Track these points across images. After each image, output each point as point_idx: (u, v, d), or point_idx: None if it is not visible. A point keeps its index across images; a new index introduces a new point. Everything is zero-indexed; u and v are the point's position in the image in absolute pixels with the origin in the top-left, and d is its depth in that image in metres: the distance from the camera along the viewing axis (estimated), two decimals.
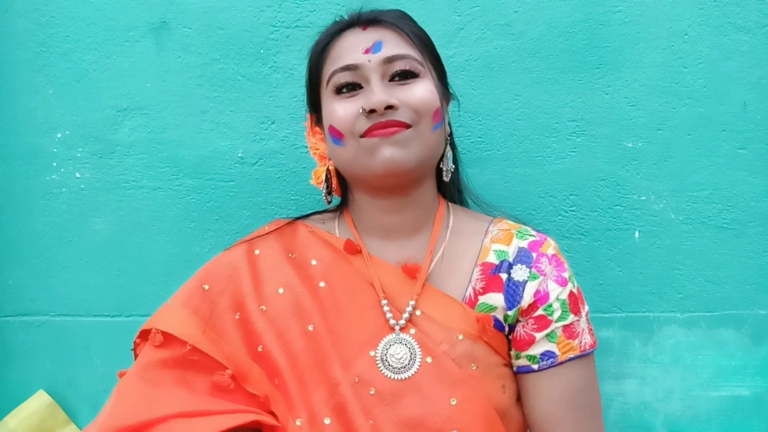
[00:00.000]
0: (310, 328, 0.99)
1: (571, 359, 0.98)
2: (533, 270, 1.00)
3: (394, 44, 0.99)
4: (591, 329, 1.02)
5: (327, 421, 0.93)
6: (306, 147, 1.16)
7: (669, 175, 1.30)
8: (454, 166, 1.07)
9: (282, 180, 1.32)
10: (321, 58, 1.03)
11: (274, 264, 1.04)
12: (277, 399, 0.97)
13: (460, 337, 0.97)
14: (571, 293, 1.00)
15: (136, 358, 1.02)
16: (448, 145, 1.06)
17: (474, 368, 0.96)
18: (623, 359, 1.31)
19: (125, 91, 1.32)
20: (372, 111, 0.94)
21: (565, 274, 1.01)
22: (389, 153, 0.94)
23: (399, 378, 0.95)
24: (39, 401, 1.30)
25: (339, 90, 0.99)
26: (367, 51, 0.98)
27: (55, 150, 1.33)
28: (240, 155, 1.32)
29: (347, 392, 0.94)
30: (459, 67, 1.30)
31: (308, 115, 1.10)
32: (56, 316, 1.34)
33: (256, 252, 1.06)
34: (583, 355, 0.99)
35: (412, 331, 0.97)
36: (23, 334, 1.34)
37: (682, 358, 1.31)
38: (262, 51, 1.31)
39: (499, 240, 1.03)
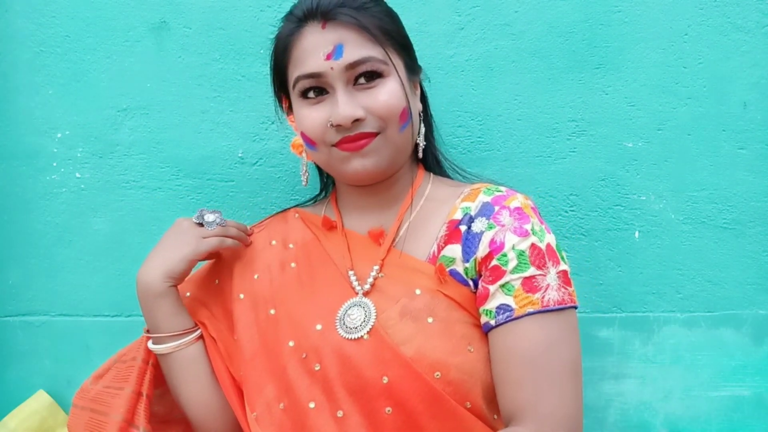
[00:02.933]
0: (272, 311, 1.04)
1: (530, 314, 0.90)
2: (491, 221, 0.96)
3: (355, 46, 0.96)
4: (565, 287, 0.93)
5: (281, 406, 0.98)
6: None
7: (669, 175, 1.30)
8: (425, 143, 1.07)
9: (282, 180, 1.32)
10: (284, 57, 1.02)
11: (258, 252, 1.12)
12: (244, 387, 1.04)
13: (418, 292, 0.97)
14: (533, 245, 0.94)
15: None
16: (421, 122, 1.07)
17: (430, 321, 0.94)
18: (623, 359, 1.31)
19: (125, 91, 1.32)
20: (340, 125, 0.96)
21: (527, 226, 0.95)
22: (359, 164, 0.98)
23: (350, 337, 0.96)
24: (39, 401, 1.30)
25: (305, 94, 1.00)
26: (328, 57, 0.96)
27: (55, 150, 1.33)
28: (240, 155, 1.32)
29: (293, 374, 0.98)
30: (459, 67, 1.30)
31: (281, 104, 1.11)
32: (56, 316, 1.34)
33: (251, 242, 1.14)
34: (547, 311, 0.90)
35: (374, 295, 0.99)
36: (23, 334, 1.34)
37: (682, 358, 1.31)
38: (262, 51, 1.31)
39: (467, 198, 1.02)
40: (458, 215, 1.00)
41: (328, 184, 1.21)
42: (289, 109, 1.09)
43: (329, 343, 0.97)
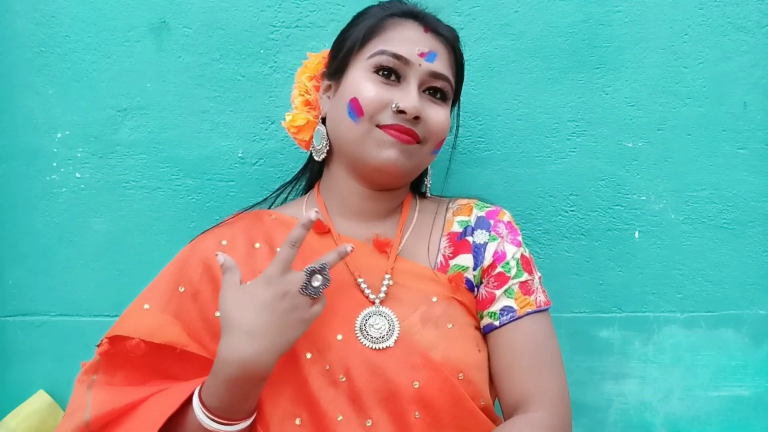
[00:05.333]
0: None
1: (528, 314, 1.01)
2: (492, 233, 1.06)
3: (444, 62, 1.04)
4: (544, 291, 1.05)
5: (297, 422, 0.95)
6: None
7: (669, 175, 1.30)
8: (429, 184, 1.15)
9: (282, 180, 1.31)
10: (373, 31, 1.03)
11: (240, 255, 1.02)
12: None
13: (435, 299, 1.01)
14: (522, 255, 1.05)
15: (100, 355, 1.03)
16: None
17: (450, 327, 0.99)
18: (623, 359, 1.31)
19: (125, 91, 1.32)
20: (402, 112, 0.98)
21: (519, 238, 1.07)
22: (393, 155, 0.99)
23: (376, 347, 0.96)
24: (39, 401, 1.30)
25: (378, 70, 1.01)
26: (422, 54, 1.01)
27: (55, 150, 1.33)
28: (240, 155, 1.32)
29: (316, 387, 0.94)
30: None
31: (324, 57, 1.10)
32: (56, 316, 1.34)
33: (223, 243, 1.05)
34: (539, 311, 1.02)
35: (390, 303, 1.00)
36: (23, 334, 1.34)
37: (682, 358, 1.31)
38: (262, 51, 1.31)
39: (460, 212, 1.09)
40: (457, 228, 1.07)
41: (303, 184, 1.17)
42: (326, 76, 1.08)
43: (355, 353, 0.95)
